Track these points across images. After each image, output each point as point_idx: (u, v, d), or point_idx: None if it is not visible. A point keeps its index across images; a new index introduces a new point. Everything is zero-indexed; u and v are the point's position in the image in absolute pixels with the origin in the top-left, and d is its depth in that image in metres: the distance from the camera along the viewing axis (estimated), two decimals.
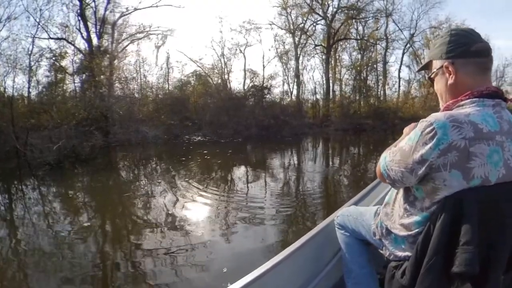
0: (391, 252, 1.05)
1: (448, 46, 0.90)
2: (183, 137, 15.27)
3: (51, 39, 15.95)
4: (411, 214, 0.95)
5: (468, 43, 0.87)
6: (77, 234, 3.78)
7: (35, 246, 3.45)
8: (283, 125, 17.83)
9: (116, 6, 17.40)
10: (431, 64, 0.97)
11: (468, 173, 0.79)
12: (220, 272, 2.76)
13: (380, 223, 1.13)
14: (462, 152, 0.78)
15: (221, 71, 21.36)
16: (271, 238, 3.59)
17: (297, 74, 23.13)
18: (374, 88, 24.64)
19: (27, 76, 14.75)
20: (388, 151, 1.00)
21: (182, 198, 5.26)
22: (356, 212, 1.41)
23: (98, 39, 16.85)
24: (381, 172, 0.99)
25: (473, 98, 0.85)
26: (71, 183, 6.94)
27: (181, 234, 3.71)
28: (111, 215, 4.60)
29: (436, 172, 0.81)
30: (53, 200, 5.57)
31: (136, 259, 3.07)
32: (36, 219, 4.44)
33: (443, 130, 0.79)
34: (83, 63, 14.58)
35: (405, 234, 0.97)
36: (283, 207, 4.69)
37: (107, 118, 13.64)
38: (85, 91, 13.64)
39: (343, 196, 5.58)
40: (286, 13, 22.85)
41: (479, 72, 0.88)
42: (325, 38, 23.25)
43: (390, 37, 24.28)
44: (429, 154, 0.80)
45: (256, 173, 7.90)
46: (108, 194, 5.94)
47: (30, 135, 10.09)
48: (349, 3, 22.64)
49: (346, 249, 1.42)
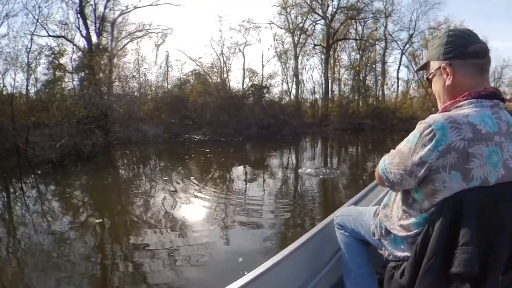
0: (390, 252, 1.05)
1: (446, 47, 0.90)
2: (183, 136, 15.29)
3: (50, 37, 15.99)
4: (410, 216, 0.95)
5: (466, 44, 0.87)
6: (84, 233, 3.79)
7: (42, 245, 3.46)
8: (283, 125, 17.87)
9: (115, 4, 17.40)
10: (429, 64, 0.97)
11: (468, 174, 0.78)
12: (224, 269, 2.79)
13: (380, 223, 1.13)
14: (461, 153, 0.78)
15: (220, 70, 21.38)
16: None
17: (296, 73, 23.17)
18: (373, 88, 24.70)
19: (26, 74, 14.77)
20: (387, 154, 0.99)
21: (194, 198, 5.24)
22: (355, 212, 1.41)
23: (98, 37, 16.86)
24: (380, 175, 0.99)
25: (471, 99, 0.84)
26: (75, 181, 6.92)
27: (194, 234, 3.71)
28: (118, 214, 4.57)
29: (436, 174, 0.81)
30: (62, 199, 5.51)
31: (143, 259, 3.07)
32: (42, 218, 4.43)
33: (442, 131, 0.78)
34: (83, 61, 14.55)
35: (404, 234, 0.97)
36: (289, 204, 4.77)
37: (107, 116, 13.64)
38: (85, 89, 13.61)
39: (342, 192, 5.65)
40: (285, 12, 22.88)
41: (476, 73, 0.88)
42: (324, 38, 23.28)
43: (389, 37, 24.34)
44: (428, 155, 0.80)
45: (263, 170, 8.01)
46: (113, 193, 5.93)
47: (30, 133, 10.12)
48: (349, 3, 22.70)
49: (345, 249, 1.41)
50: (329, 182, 6.71)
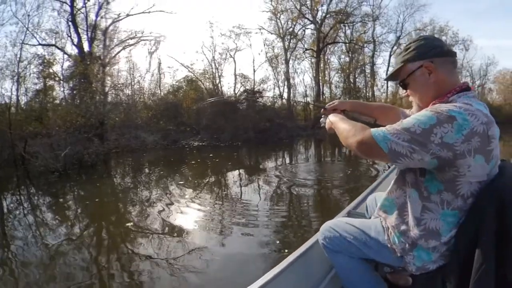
0: (419, 267, 0.98)
1: (425, 48, 0.96)
2: (181, 142, 15.18)
3: (41, 45, 15.66)
4: (432, 217, 0.92)
5: (441, 45, 0.96)
6: (93, 242, 3.77)
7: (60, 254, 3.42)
8: (279, 128, 18.04)
9: (107, 11, 17.22)
10: (405, 68, 1.00)
11: (488, 155, 0.83)
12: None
13: (396, 239, 1.03)
14: (482, 136, 0.81)
15: (212, 76, 21.42)
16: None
17: (288, 77, 23.49)
18: (363, 89, 25.31)
19: (16, 83, 14.36)
20: (381, 128, 0.91)
21: (222, 203, 5.20)
22: (350, 228, 1.20)
23: (90, 46, 16.60)
24: (378, 144, 0.87)
25: (459, 93, 0.92)
26: (92, 189, 6.79)
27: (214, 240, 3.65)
28: (127, 222, 4.42)
29: (461, 158, 0.81)
30: (84, 206, 5.44)
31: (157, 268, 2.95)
32: (77, 223, 4.39)
33: (462, 116, 0.81)
34: (77, 69, 14.29)
35: (435, 244, 0.93)
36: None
37: (103, 125, 13.41)
38: (81, 98, 13.37)
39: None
40: (275, 18, 23.24)
41: (453, 69, 0.96)
42: (314, 42, 23.74)
43: (377, 39, 25.07)
44: (450, 137, 0.80)
45: (272, 170, 8.07)
46: (131, 199, 5.87)
47: (28, 143, 9.85)
48: (338, 8, 23.28)
49: (343, 273, 1.24)
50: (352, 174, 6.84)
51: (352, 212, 1.76)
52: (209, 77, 21.57)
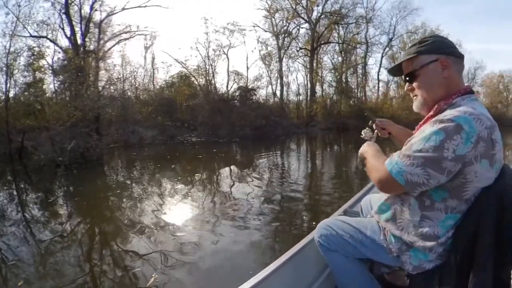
0: (415, 266, 0.98)
1: (443, 44, 0.97)
2: (178, 137, 15.07)
3: (32, 37, 15.12)
4: (433, 221, 0.92)
5: (455, 46, 0.98)
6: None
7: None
8: (275, 125, 18.19)
9: (102, 4, 16.81)
10: (415, 59, 0.98)
11: (492, 159, 0.83)
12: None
13: (393, 239, 1.03)
14: (486, 141, 0.81)
15: (206, 72, 21.32)
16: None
17: (281, 75, 23.65)
18: (355, 89, 25.79)
19: (5, 76, 13.81)
20: (391, 158, 0.93)
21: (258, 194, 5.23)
22: (347, 227, 1.19)
23: (83, 39, 16.17)
24: (394, 178, 0.89)
25: (463, 95, 0.92)
26: (105, 182, 6.75)
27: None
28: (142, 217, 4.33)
29: (468, 166, 0.82)
30: (106, 198, 5.39)
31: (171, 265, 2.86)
32: (116, 211, 4.34)
33: (469, 124, 0.80)
34: (73, 62, 13.88)
35: (431, 244, 0.92)
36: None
37: (99, 119, 13.12)
38: (78, 91, 13.01)
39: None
40: (270, 16, 23.33)
41: (462, 72, 0.98)
42: (308, 41, 23.99)
43: (370, 41, 25.60)
44: (462, 149, 0.80)
45: (281, 162, 8.20)
46: (146, 190, 5.85)
47: (25, 137, 9.57)
48: (333, 9, 23.61)
49: (337, 272, 1.23)
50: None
51: (348, 211, 1.77)
52: (203, 74, 21.44)
